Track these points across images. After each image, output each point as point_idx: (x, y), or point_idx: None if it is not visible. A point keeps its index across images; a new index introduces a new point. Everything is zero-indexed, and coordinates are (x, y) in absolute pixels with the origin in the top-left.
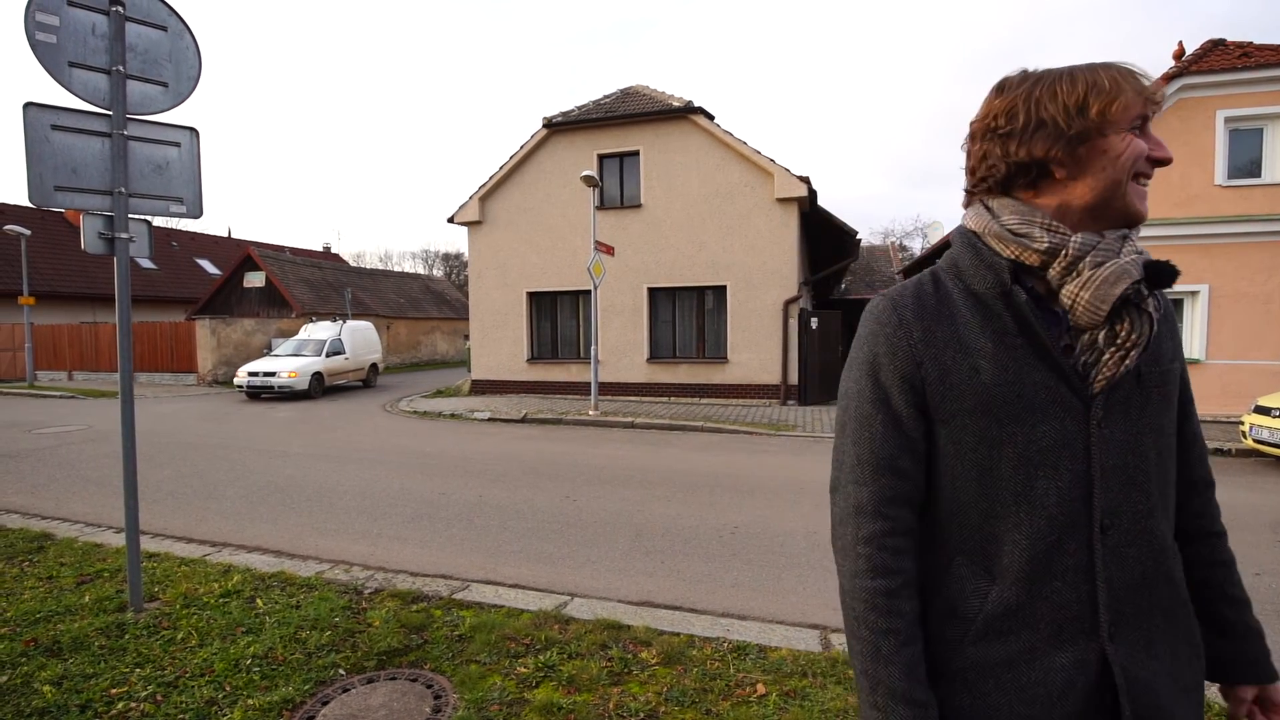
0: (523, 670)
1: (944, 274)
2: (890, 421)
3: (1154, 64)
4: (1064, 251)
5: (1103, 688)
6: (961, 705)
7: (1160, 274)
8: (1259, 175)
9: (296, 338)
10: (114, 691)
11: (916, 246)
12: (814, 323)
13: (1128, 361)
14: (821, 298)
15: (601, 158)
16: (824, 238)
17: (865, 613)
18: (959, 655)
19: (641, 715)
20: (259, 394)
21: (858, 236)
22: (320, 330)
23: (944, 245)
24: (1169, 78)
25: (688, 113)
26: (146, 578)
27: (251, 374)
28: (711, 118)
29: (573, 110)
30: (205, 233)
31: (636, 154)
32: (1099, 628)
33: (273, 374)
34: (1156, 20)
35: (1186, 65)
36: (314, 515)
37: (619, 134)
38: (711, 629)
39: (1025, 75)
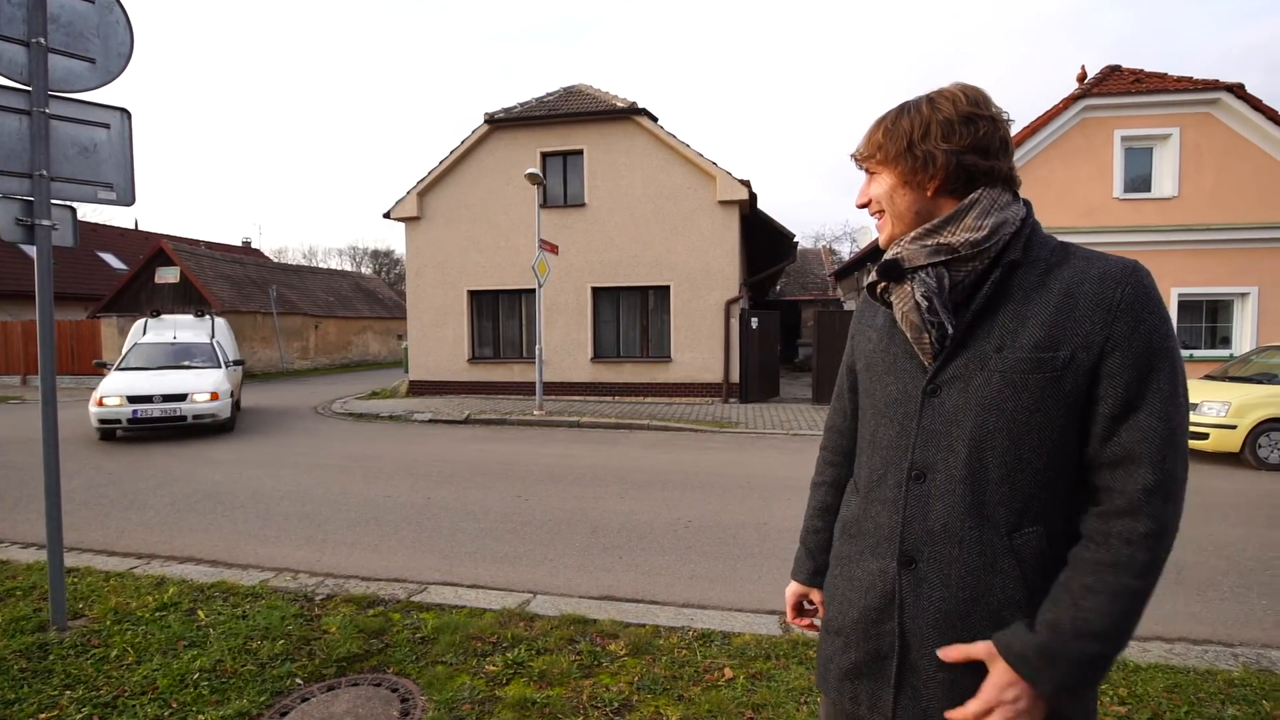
0: (491, 668)
1: None
2: (844, 370)
3: (1068, 82)
4: None
5: (896, 597)
6: (828, 582)
7: (890, 268)
8: (1149, 190)
9: (143, 341)
10: (42, 717)
11: (845, 250)
12: (754, 323)
13: (921, 340)
14: (759, 299)
15: (545, 156)
16: (762, 240)
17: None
18: (835, 546)
19: (616, 704)
20: (114, 432)
21: (795, 240)
22: (187, 330)
23: (872, 249)
24: (1074, 98)
25: (632, 113)
26: (69, 594)
27: (137, 399)
28: (655, 119)
29: (515, 107)
30: (109, 224)
31: (580, 153)
32: (896, 551)
33: (180, 397)
34: (1079, 39)
35: (1089, 88)
36: (250, 522)
37: (563, 132)
38: (676, 619)
39: None
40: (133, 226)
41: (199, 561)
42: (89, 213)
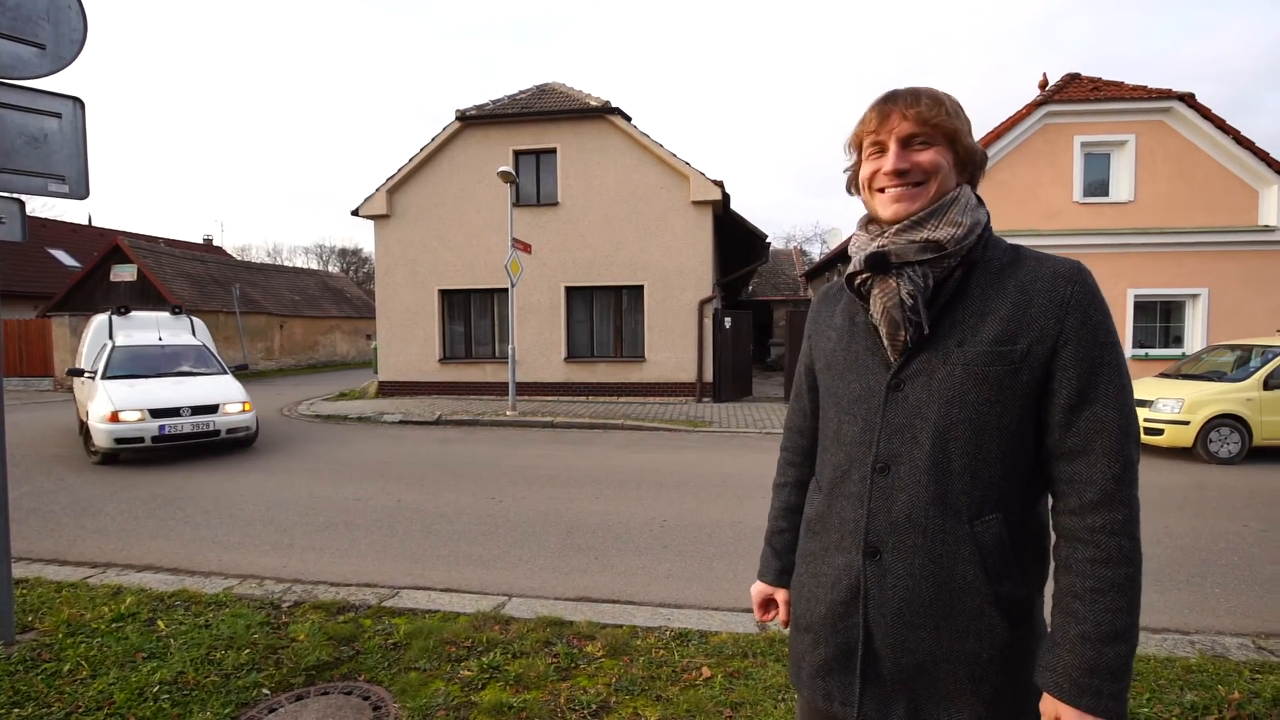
0: (466, 673)
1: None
2: (803, 371)
3: (1031, 89)
4: (850, 246)
5: (861, 589)
6: (795, 580)
7: (878, 261)
8: (1107, 194)
9: (124, 343)
10: None
11: (816, 251)
12: (727, 322)
13: (896, 336)
14: (731, 299)
15: (518, 154)
16: (735, 241)
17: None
18: (800, 544)
19: (594, 706)
20: (118, 454)
21: (767, 240)
22: (167, 330)
23: (841, 250)
24: (1036, 105)
25: (605, 113)
26: (17, 606)
27: (162, 413)
28: (629, 119)
29: (487, 104)
30: (61, 219)
31: (554, 152)
32: (861, 544)
33: (212, 409)
34: (1043, 46)
35: (1050, 95)
36: (213, 528)
37: (536, 131)
38: (652, 619)
39: None
40: (86, 222)
41: (158, 569)
42: (39, 207)
